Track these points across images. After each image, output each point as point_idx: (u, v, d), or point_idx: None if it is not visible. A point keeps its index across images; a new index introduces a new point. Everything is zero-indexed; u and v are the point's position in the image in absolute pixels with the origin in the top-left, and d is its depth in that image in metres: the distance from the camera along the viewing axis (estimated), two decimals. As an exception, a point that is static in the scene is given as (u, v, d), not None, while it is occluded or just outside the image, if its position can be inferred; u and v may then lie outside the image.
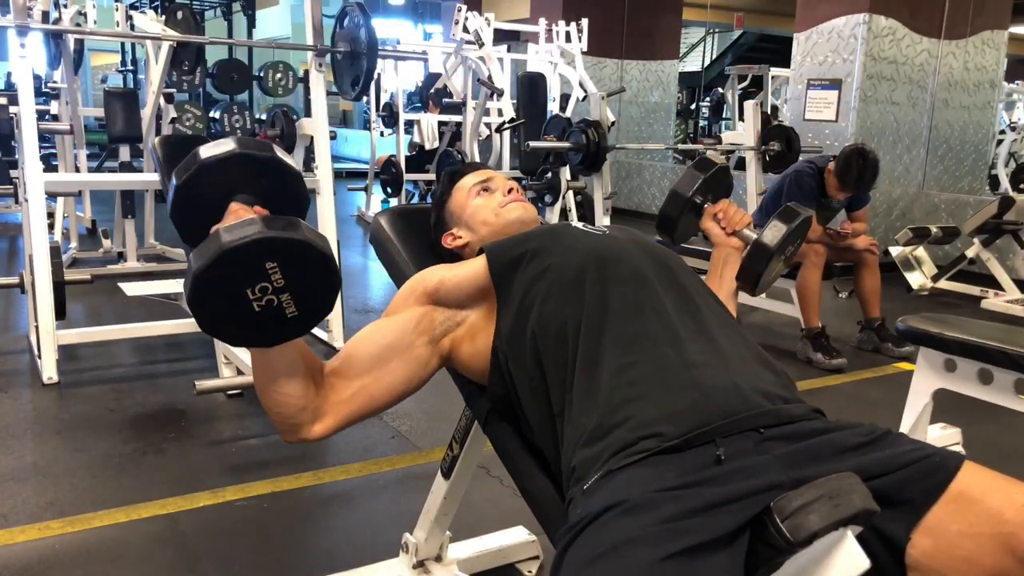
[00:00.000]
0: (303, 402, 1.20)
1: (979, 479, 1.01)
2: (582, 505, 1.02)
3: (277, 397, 1.19)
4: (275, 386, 1.18)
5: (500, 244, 1.36)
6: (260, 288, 1.04)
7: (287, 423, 1.22)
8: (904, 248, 4.94)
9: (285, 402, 1.19)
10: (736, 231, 1.59)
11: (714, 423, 1.05)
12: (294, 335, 1.13)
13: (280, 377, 1.18)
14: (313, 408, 1.22)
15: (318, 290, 1.10)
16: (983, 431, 2.81)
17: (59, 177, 4.78)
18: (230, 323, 1.08)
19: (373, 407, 1.28)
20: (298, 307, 1.08)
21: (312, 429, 1.23)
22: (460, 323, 1.33)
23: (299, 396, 1.19)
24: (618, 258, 1.26)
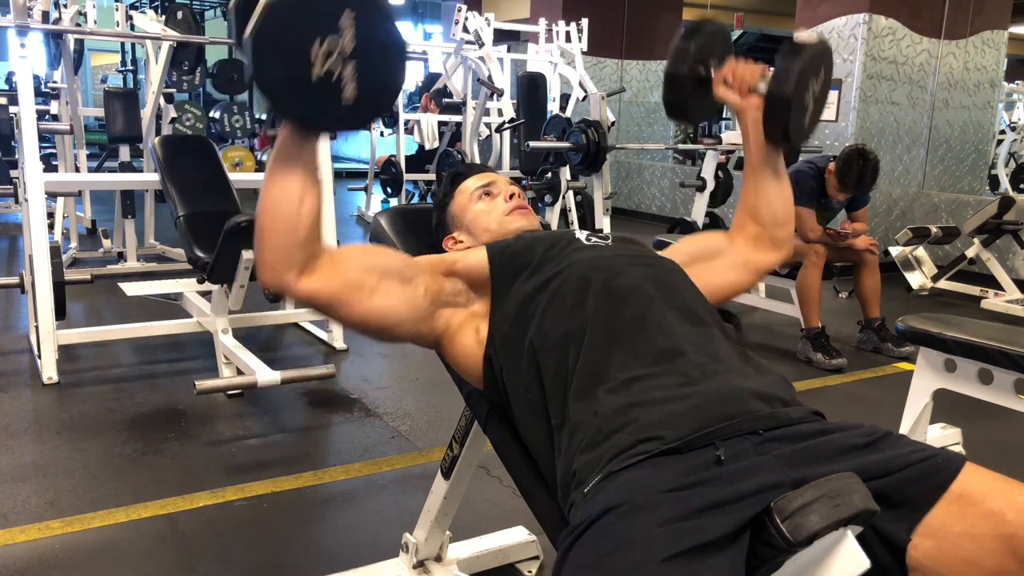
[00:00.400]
0: (306, 235, 1.13)
1: (980, 480, 1.01)
2: (583, 508, 1.02)
3: (282, 212, 1.11)
4: (285, 195, 1.11)
5: (501, 245, 1.37)
6: (328, 48, 0.96)
7: (278, 254, 1.14)
8: (904, 248, 4.94)
9: (288, 222, 1.12)
10: (752, 88, 1.39)
11: (714, 426, 1.05)
12: (341, 125, 1.05)
13: (296, 182, 1.10)
14: (310, 255, 1.15)
15: (383, 74, 1.01)
16: (983, 431, 2.81)
17: (59, 177, 4.78)
18: (283, 79, 0.99)
19: (357, 308, 1.21)
20: (358, 87, 0.99)
21: (299, 279, 1.15)
22: (463, 304, 1.33)
23: (306, 224, 1.12)
24: (620, 273, 1.26)
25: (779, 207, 1.47)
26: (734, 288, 1.49)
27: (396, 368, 3.52)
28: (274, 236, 1.14)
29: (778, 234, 1.48)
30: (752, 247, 1.48)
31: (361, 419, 2.91)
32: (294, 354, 3.66)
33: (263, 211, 1.14)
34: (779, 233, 1.48)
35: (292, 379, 2.85)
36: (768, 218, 1.47)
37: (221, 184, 3.48)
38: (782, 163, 1.46)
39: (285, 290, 1.17)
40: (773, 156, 1.44)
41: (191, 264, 3.24)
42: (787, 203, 1.48)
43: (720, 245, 1.50)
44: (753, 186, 1.47)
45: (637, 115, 9.18)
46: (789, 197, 1.49)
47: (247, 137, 6.19)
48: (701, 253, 1.49)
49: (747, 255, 1.48)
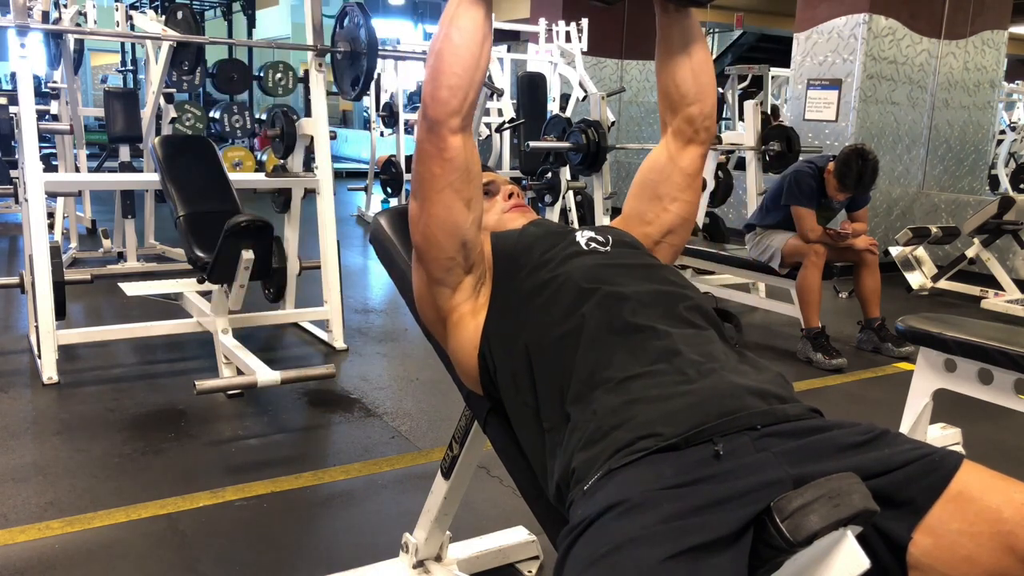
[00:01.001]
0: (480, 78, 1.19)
1: (978, 478, 1.01)
2: (583, 506, 1.02)
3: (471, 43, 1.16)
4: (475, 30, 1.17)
5: (503, 237, 1.38)
6: None
7: (458, 88, 1.18)
8: (904, 248, 4.94)
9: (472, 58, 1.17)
10: None
11: (711, 422, 1.05)
12: None
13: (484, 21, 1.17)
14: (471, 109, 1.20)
15: None
16: (983, 431, 2.81)
17: (59, 177, 4.78)
18: None
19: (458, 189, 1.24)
20: None
21: (459, 127, 1.21)
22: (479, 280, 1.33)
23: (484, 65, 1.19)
24: (616, 276, 1.27)
25: (687, 80, 1.36)
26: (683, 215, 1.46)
27: (396, 368, 3.53)
28: (456, 71, 1.17)
29: (691, 112, 1.38)
30: (678, 146, 1.43)
31: (361, 419, 2.91)
32: (294, 354, 3.66)
33: (447, 44, 1.17)
34: (692, 111, 1.38)
35: (292, 379, 2.85)
36: (676, 97, 1.38)
37: (221, 184, 3.48)
38: (692, 29, 1.34)
39: (444, 130, 1.20)
40: (678, 20, 1.34)
41: (191, 264, 3.24)
42: (697, 75, 1.36)
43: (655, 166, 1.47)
44: (660, 63, 1.38)
45: (637, 115, 9.18)
46: (701, 69, 1.36)
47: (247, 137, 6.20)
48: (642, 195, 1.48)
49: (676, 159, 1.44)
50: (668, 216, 1.45)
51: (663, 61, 1.37)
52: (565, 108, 6.85)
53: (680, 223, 1.46)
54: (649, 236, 1.46)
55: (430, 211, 1.26)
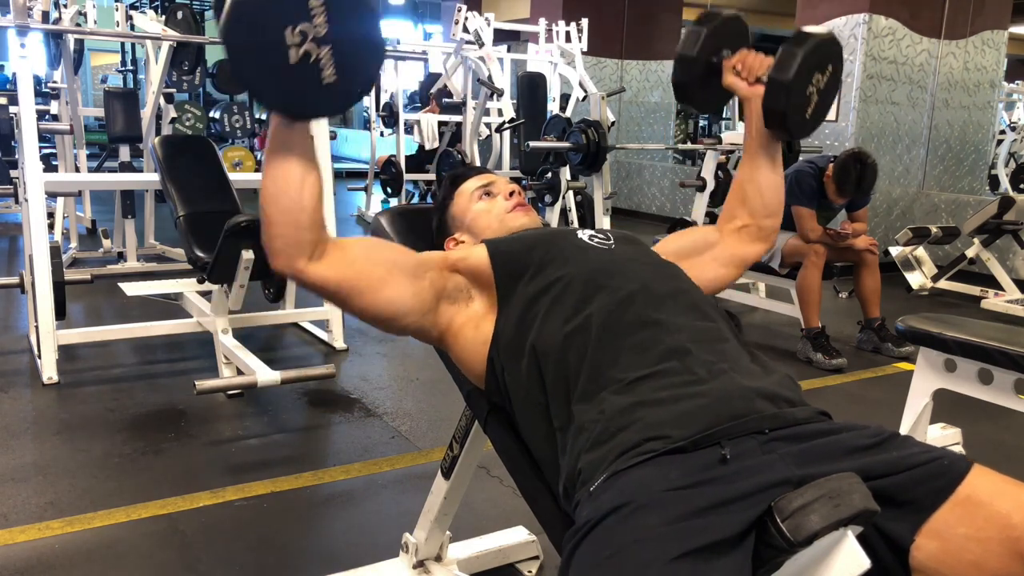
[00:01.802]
0: (310, 219, 1.14)
1: (987, 483, 1.01)
2: (589, 507, 1.02)
3: (285, 200, 1.12)
4: (287, 183, 1.12)
5: (502, 244, 1.36)
6: (301, 31, 0.97)
7: (286, 239, 1.15)
8: (904, 248, 4.94)
9: (292, 209, 1.13)
10: (760, 77, 1.41)
11: (720, 425, 1.05)
12: (326, 109, 1.06)
13: (295, 170, 1.12)
14: (317, 240, 1.16)
15: (360, 52, 1.01)
16: (983, 431, 2.81)
17: (59, 177, 4.78)
18: (262, 66, 0.99)
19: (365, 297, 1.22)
20: (337, 69, 1.00)
21: (309, 264, 1.17)
22: (467, 302, 1.32)
23: (309, 208, 1.13)
24: (623, 274, 1.26)
25: (770, 197, 1.49)
26: (719, 282, 1.52)
27: (396, 368, 3.52)
28: (280, 223, 1.15)
29: (765, 224, 1.51)
30: (738, 239, 1.51)
31: (361, 419, 2.91)
32: (294, 354, 3.66)
33: (266, 200, 1.15)
34: (766, 223, 1.51)
35: (292, 379, 2.85)
36: (759, 207, 1.50)
37: (221, 184, 3.48)
38: (779, 155, 1.48)
39: (297, 276, 1.18)
40: (771, 146, 1.47)
41: (191, 264, 3.24)
42: (778, 194, 1.51)
43: (707, 239, 1.53)
44: (748, 173, 1.50)
45: (637, 115, 9.18)
46: (781, 189, 1.52)
47: (247, 137, 6.19)
48: (687, 249, 1.51)
49: (734, 248, 1.51)
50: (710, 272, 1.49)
51: (752, 173, 1.49)
52: (565, 108, 6.84)
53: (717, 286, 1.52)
54: None
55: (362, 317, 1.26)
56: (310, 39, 0.97)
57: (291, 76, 0.99)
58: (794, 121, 1.38)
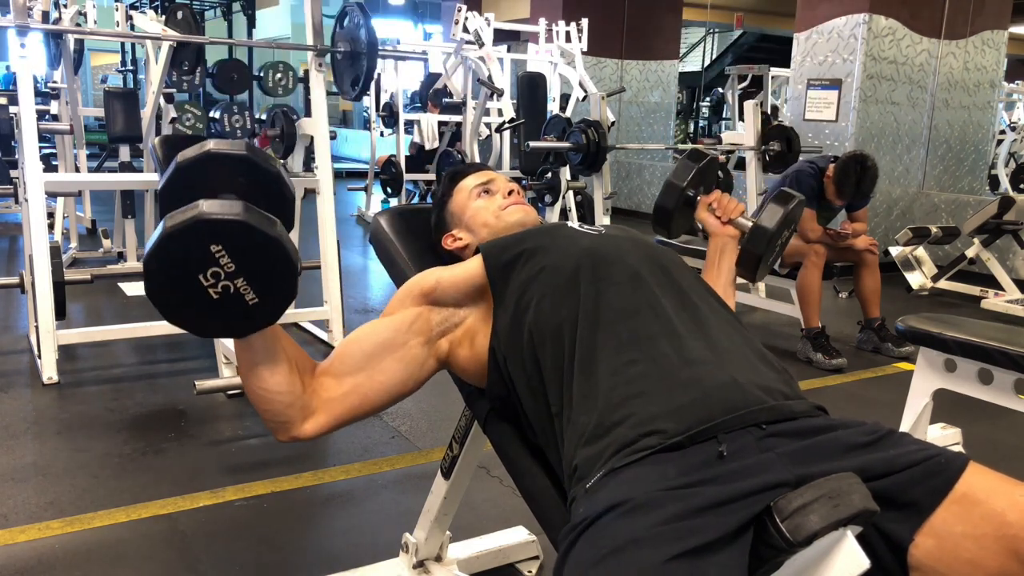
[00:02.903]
0: (289, 398, 1.18)
1: (984, 481, 1.01)
2: (585, 504, 1.02)
3: (260, 392, 1.17)
4: (257, 379, 1.17)
5: (496, 244, 1.36)
6: (212, 274, 1.04)
7: (276, 420, 1.20)
8: (904, 248, 4.94)
9: (270, 397, 1.17)
10: (732, 220, 1.60)
11: (715, 419, 1.05)
12: (262, 323, 1.11)
13: (261, 369, 1.16)
14: (302, 405, 1.20)
15: (273, 275, 1.08)
16: (983, 431, 2.81)
17: (59, 177, 4.78)
18: (190, 310, 1.07)
19: (366, 407, 1.27)
20: (257, 293, 1.07)
21: (303, 428, 1.21)
22: (458, 324, 1.33)
23: (284, 391, 1.17)
24: (614, 258, 1.26)
25: None
26: None
27: (396, 368, 3.52)
28: (263, 411, 1.20)
29: None
30: None
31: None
32: (294, 354, 3.65)
33: (250, 398, 1.20)
34: None
35: (292, 379, 2.85)
36: None
37: (221, 184, 3.47)
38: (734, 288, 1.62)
39: (301, 441, 1.23)
40: (732, 281, 1.60)
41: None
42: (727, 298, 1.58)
43: None
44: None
45: (637, 115, 9.18)
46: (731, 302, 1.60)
47: (247, 137, 6.19)
48: None
49: None
50: None
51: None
52: (565, 108, 6.85)
53: None
54: None
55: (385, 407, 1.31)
56: (223, 278, 1.05)
57: (220, 308, 1.06)
58: (763, 267, 1.56)
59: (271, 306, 1.10)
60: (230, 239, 1.04)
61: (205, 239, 1.03)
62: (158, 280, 1.05)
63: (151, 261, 1.03)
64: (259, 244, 1.06)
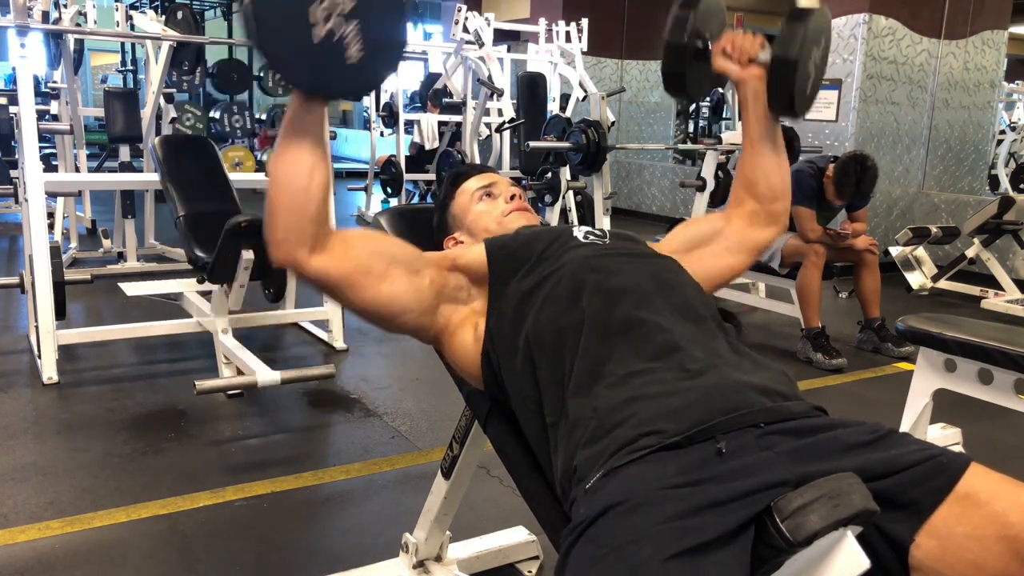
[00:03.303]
0: (316, 210, 1.14)
1: (985, 481, 1.00)
2: (585, 504, 1.02)
3: (294, 185, 1.12)
4: (297, 166, 1.11)
5: (499, 241, 1.37)
6: (326, 7, 0.95)
7: (292, 227, 1.14)
8: (904, 248, 4.94)
9: (299, 196, 1.12)
10: (753, 58, 1.40)
11: (714, 419, 1.05)
12: (350, 87, 1.05)
13: (306, 155, 1.11)
14: (320, 233, 1.16)
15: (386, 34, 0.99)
16: (983, 431, 2.81)
17: (59, 177, 4.78)
18: (286, 46, 0.98)
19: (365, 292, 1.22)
20: (362, 48, 0.98)
21: (310, 256, 1.16)
22: (464, 301, 1.33)
23: (317, 198, 1.13)
24: (616, 270, 1.26)
25: (776, 180, 1.47)
26: (732, 271, 1.50)
27: (396, 368, 3.52)
28: (285, 211, 1.14)
29: (775, 208, 1.49)
30: (749, 224, 1.49)
31: (361, 419, 2.91)
32: (294, 354, 3.66)
33: (274, 186, 1.14)
34: (776, 207, 1.49)
35: (292, 379, 2.85)
36: (766, 192, 1.48)
37: (221, 184, 3.48)
38: (781, 136, 1.46)
39: (296, 267, 1.17)
40: (772, 128, 1.45)
41: (191, 264, 3.24)
42: (784, 176, 1.48)
43: (716, 227, 1.51)
44: (751, 159, 1.47)
45: (637, 115, 9.18)
46: (787, 170, 1.49)
47: (247, 137, 6.19)
48: (697, 239, 1.50)
49: (744, 234, 1.49)
50: (721, 261, 1.47)
51: (755, 158, 1.47)
52: (565, 108, 6.84)
53: (729, 275, 1.50)
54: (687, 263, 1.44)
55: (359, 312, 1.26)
56: (336, 14, 0.95)
57: (315, 52, 0.97)
58: (799, 98, 1.35)
59: (368, 70, 1.00)
60: None
61: None
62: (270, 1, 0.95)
63: None
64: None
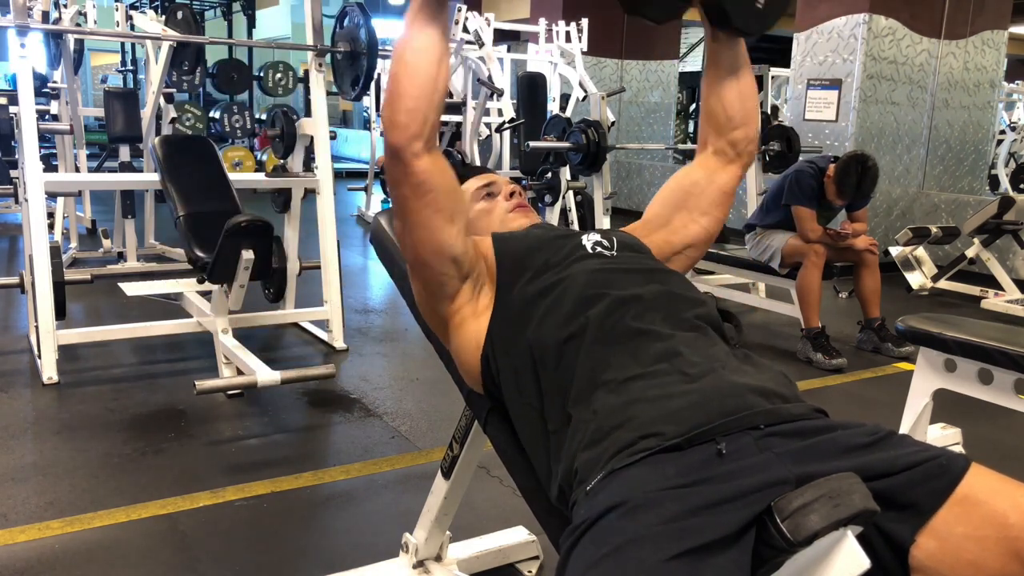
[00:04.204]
0: (440, 98, 1.16)
1: (986, 482, 1.00)
2: (585, 506, 1.02)
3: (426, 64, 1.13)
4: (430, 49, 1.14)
5: (509, 243, 1.36)
6: None
7: (417, 112, 1.15)
8: (904, 248, 4.94)
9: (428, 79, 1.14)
10: None
11: (714, 422, 1.05)
12: None
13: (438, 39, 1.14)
14: (435, 128, 1.17)
15: None
16: (983, 431, 2.81)
17: (59, 177, 4.78)
18: None
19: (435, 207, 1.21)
20: None
21: (424, 150, 1.17)
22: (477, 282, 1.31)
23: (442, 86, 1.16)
24: (619, 282, 1.27)
25: (734, 106, 1.39)
26: (710, 231, 1.47)
27: (396, 368, 3.52)
28: (413, 93, 1.14)
29: (735, 137, 1.41)
30: (715, 164, 1.44)
31: (361, 419, 2.91)
32: (294, 354, 3.66)
33: (402, 67, 1.14)
34: (736, 135, 1.41)
35: (292, 379, 2.85)
36: (723, 121, 1.41)
37: (221, 184, 3.48)
38: (740, 58, 1.37)
39: (408, 155, 1.17)
40: (729, 49, 1.36)
41: (191, 264, 3.23)
42: (744, 102, 1.39)
43: (690, 177, 1.47)
44: (709, 85, 1.40)
45: (637, 115, 9.18)
46: (748, 95, 1.40)
47: (247, 137, 6.20)
48: (673, 200, 1.48)
49: (712, 177, 1.44)
50: (695, 228, 1.46)
51: (711, 84, 1.39)
52: (565, 108, 6.84)
53: (705, 237, 1.47)
54: (671, 244, 1.46)
55: (412, 233, 1.25)
56: None
57: None
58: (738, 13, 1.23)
59: None
60: None
61: None
62: None
63: None
64: None
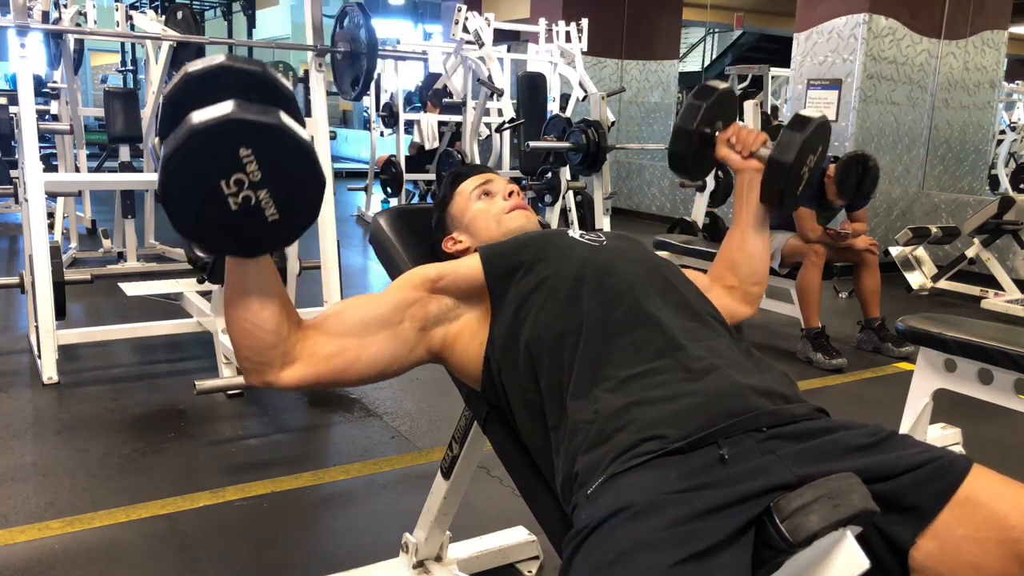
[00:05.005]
0: (273, 337, 1.12)
1: (987, 484, 1.00)
2: (587, 510, 1.02)
3: (246, 324, 1.11)
4: (245, 310, 1.10)
5: (494, 249, 1.35)
6: (236, 181, 0.96)
7: (254, 359, 1.14)
8: (904, 248, 4.94)
9: (255, 333, 1.12)
10: (753, 152, 1.49)
11: (716, 425, 1.05)
12: (276, 243, 1.06)
13: (252, 299, 1.10)
14: (284, 350, 1.14)
15: (299, 189, 1.00)
16: (983, 431, 2.81)
17: (59, 177, 4.78)
18: (205, 222, 0.99)
19: (349, 375, 1.22)
20: (279, 208, 1.00)
21: (280, 374, 1.15)
22: (456, 318, 1.31)
23: (270, 328, 1.12)
24: (614, 270, 1.26)
25: (758, 265, 1.53)
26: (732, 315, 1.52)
27: (396, 368, 3.52)
28: (244, 348, 1.14)
29: (753, 290, 1.54)
30: (728, 298, 1.52)
31: (361, 419, 2.91)
32: (294, 354, 3.65)
33: (229, 328, 1.14)
34: (754, 290, 1.54)
35: (292, 379, 2.85)
36: (747, 275, 1.52)
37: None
38: (767, 223, 1.53)
39: (272, 388, 1.18)
40: (762, 217, 1.51)
41: (191, 264, 3.23)
42: (765, 262, 1.54)
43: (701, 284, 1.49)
44: (738, 241, 1.53)
45: (637, 115, 9.18)
46: (767, 256, 1.55)
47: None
48: None
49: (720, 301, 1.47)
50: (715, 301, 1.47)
51: (742, 243, 1.53)
52: (565, 108, 6.84)
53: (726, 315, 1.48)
54: None
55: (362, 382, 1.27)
56: (246, 187, 0.97)
57: (236, 221, 0.99)
58: (788, 198, 1.46)
59: (289, 227, 1.02)
60: (262, 144, 0.96)
61: (235, 141, 0.95)
62: (177, 182, 0.96)
63: (171, 160, 0.95)
64: (291, 153, 0.98)
